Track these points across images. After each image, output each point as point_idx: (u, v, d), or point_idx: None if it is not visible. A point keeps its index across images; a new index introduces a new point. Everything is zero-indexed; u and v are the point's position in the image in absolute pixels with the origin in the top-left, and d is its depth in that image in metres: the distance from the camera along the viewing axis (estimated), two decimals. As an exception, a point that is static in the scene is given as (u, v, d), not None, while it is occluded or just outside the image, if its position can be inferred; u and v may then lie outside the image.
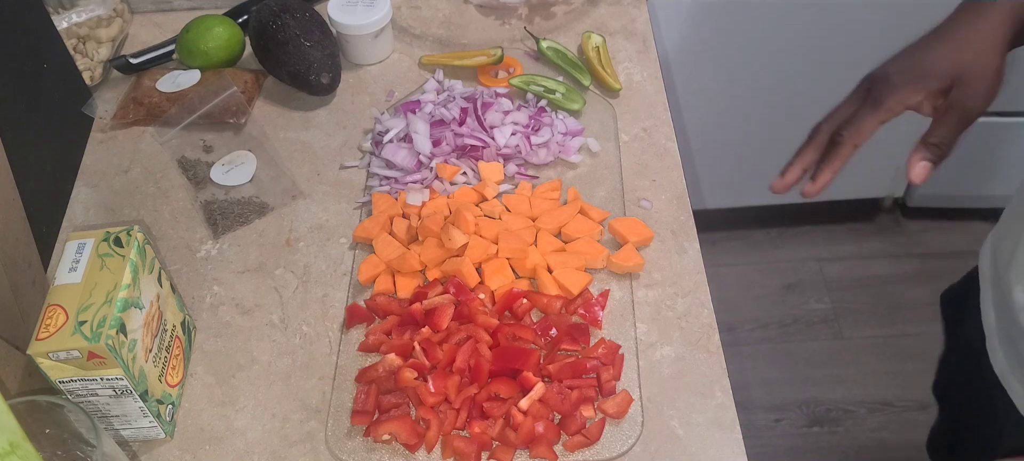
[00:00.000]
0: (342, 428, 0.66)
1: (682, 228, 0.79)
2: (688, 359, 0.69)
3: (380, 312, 0.73)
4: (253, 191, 0.84)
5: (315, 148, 0.89)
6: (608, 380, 0.67)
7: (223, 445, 0.66)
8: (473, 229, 0.75)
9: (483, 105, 0.85)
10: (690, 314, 0.72)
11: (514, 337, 0.69)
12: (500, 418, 0.65)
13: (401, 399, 0.66)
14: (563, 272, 0.73)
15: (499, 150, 0.83)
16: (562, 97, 0.89)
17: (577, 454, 0.64)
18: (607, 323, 0.72)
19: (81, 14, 0.97)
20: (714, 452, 0.64)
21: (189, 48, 0.94)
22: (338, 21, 0.93)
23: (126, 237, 0.63)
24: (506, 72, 0.94)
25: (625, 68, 0.95)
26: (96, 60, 0.95)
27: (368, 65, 0.97)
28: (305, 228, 0.81)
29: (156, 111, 0.90)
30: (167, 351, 0.67)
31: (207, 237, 0.81)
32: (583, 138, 0.86)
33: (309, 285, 0.76)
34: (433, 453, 0.64)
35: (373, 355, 0.71)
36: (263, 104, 0.94)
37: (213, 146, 0.89)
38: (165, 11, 1.05)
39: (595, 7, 1.02)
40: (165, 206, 0.84)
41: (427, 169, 0.83)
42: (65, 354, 0.57)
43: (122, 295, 0.59)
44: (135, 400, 0.62)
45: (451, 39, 1.00)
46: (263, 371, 0.71)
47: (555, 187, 0.82)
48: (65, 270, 0.61)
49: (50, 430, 0.55)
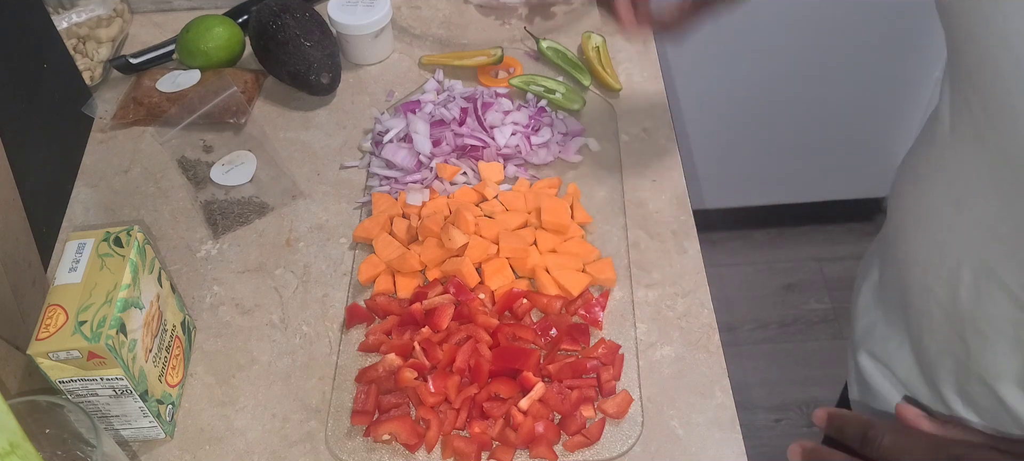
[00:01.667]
0: (342, 428, 0.66)
1: (682, 228, 0.79)
2: (688, 359, 0.69)
3: (380, 312, 0.73)
4: (253, 191, 0.84)
5: (315, 148, 0.89)
6: (608, 380, 0.67)
7: (223, 445, 0.66)
8: (473, 229, 0.75)
9: (483, 105, 0.85)
10: (690, 314, 0.72)
11: (514, 337, 0.69)
12: (500, 418, 0.65)
13: (401, 399, 0.66)
14: (562, 273, 0.73)
15: (499, 150, 0.83)
16: (562, 97, 0.89)
17: (577, 454, 0.64)
18: (607, 323, 0.72)
19: (81, 14, 0.97)
20: (714, 452, 0.64)
21: (189, 48, 0.94)
22: (338, 21, 0.93)
23: (126, 237, 0.63)
24: (506, 72, 0.94)
25: (625, 68, 0.95)
26: (96, 60, 0.95)
27: (368, 65, 0.97)
28: (305, 228, 0.81)
29: (156, 111, 0.90)
30: (167, 351, 0.67)
31: (207, 237, 0.81)
32: (583, 138, 0.86)
33: (309, 285, 0.76)
34: (433, 453, 0.64)
35: (373, 355, 0.71)
36: (263, 104, 0.94)
37: (213, 146, 0.89)
38: (165, 11, 1.05)
39: (595, 7, 1.02)
40: (165, 206, 0.84)
41: (427, 169, 0.83)
42: (65, 354, 0.57)
43: (122, 295, 0.59)
44: (135, 400, 0.62)
45: (451, 39, 1.00)
46: (263, 371, 0.71)
47: (554, 185, 0.82)
48: (65, 270, 0.61)
49: (50, 430, 0.55)
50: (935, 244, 0.59)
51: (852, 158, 1.68)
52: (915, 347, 0.66)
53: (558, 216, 0.76)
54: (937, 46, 1.46)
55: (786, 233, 1.87)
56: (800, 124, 1.60)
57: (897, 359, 0.69)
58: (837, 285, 1.78)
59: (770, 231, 1.87)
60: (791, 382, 1.65)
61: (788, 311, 1.75)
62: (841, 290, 1.77)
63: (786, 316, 1.75)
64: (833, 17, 1.40)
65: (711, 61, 1.47)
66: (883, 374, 0.72)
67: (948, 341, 0.61)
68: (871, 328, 0.73)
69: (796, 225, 1.87)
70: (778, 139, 1.63)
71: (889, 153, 1.68)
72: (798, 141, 1.64)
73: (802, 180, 1.75)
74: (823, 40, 1.44)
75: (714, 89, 1.52)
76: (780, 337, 1.72)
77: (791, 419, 1.60)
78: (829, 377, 1.65)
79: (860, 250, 0.84)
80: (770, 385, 1.65)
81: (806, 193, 1.78)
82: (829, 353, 1.68)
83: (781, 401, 1.63)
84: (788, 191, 1.78)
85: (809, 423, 1.59)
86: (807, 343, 1.71)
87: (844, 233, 1.85)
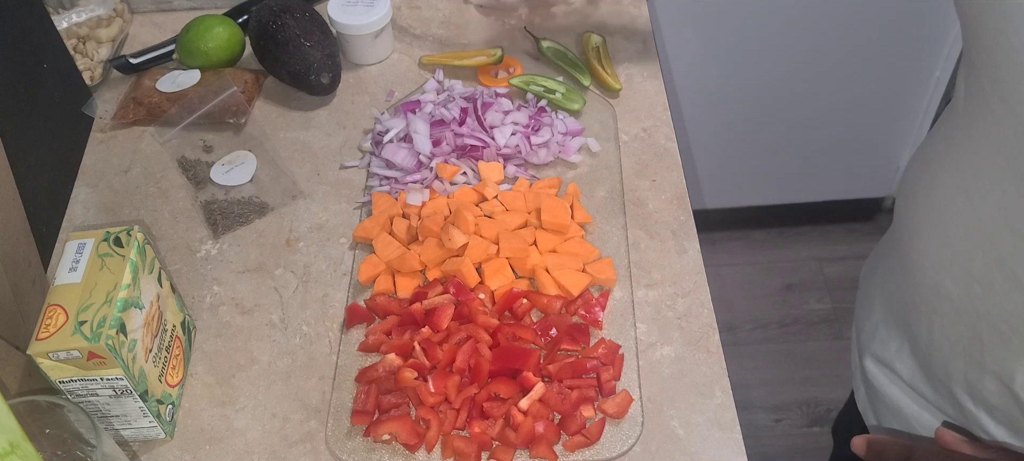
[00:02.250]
0: (342, 428, 0.66)
1: (682, 228, 0.79)
2: (688, 359, 0.69)
3: (380, 312, 0.73)
4: (253, 191, 0.84)
5: (315, 148, 0.89)
6: (608, 380, 0.67)
7: (223, 445, 0.66)
8: (473, 229, 0.75)
9: (483, 105, 0.85)
10: (690, 314, 0.72)
11: (514, 337, 0.69)
12: (500, 418, 0.65)
13: (401, 399, 0.66)
14: (562, 273, 0.73)
15: (499, 150, 0.83)
16: (562, 97, 0.89)
17: (577, 454, 0.64)
18: (607, 323, 0.72)
19: (81, 14, 0.97)
20: (714, 452, 0.64)
21: (189, 48, 0.94)
22: (338, 21, 0.93)
23: (126, 237, 0.63)
24: (506, 72, 0.94)
25: (625, 68, 0.94)
26: (96, 60, 0.95)
27: (368, 65, 0.97)
28: (305, 228, 0.81)
29: (156, 111, 0.90)
30: (167, 351, 0.67)
31: (207, 237, 0.81)
32: (583, 138, 0.86)
33: (309, 285, 0.76)
34: (433, 453, 0.64)
35: (373, 355, 0.71)
36: (263, 104, 0.94)
37: (213, 146, 0.89)
38: (165, 11, 1.05)
39: (595, 7, 1.02)
40: (165, 206, 0.84)
41: (427, 169, 0.83)
42: (65, 354, 0.57)
43: (122, 295, 0.59)
44: (135, 400, 0.62)
45: (451, 39, 1.00)
46: (263, 371, 0.71)
47: (553, 184, 0.82)
48: (65, 270, 0.61)
49: (50, 430, 0.56)
50: (947, 240, 0.59)
51: (852, 158, 1.68)
52: (920, 347, 0.66)
53: (558, 216, 0.76)
54: (937, 46, 1.46)
55: (786, 233, 1.87)
56: (800, 124, 1.60)
57: (899, 361, 0.69)
58: (837, 285, 1.78)
59: (770, 231, 1.87)
60: (791, 382, 1.65)
61: (788, 311, 1.75)
62: (841, 290, 1.77)
63: (786, 316, 1.75)
64: (833, 17, 1.40)
65: (711, 61, 1.47)
66: (889, 378, 0.72)
67: (960, 339, 0.60)
68: (874, 332, 0.73)
69: (796, 225, 1.87)
70: (778, 139, 1.63)
71: (889, 153, 1.68)
72: (798, 141, 1.63)
73: (802, 180, 1.75)
74: (823, 40, 1.44)
75: (714, 89, 1.52)
76: (780, 337, 1.72)
77: (791, 419, 1.60)
78: (829, 377, 1.65)
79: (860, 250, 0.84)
80: (770, 385, 1.65)
81: (806, 193, 1.78)
82: (829, 353, 1.68)
83: (781, 401, 1.63)
84: (788, 191, 1.78)
85: (810, 424, 1.59)
86: (807, 343, 1.71)
87: (844, 233, 1.85)
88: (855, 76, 1.51)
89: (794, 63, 1.48)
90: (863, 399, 0.77)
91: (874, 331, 0.73)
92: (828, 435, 1.03)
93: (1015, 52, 0.47)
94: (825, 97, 1.54)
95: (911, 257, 0.64)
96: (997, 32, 0.49)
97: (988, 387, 0.60)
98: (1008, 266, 0.54)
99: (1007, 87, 0.49)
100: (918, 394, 0.68)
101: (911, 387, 0.69)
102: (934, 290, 0.61)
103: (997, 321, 0.56)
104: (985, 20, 0.50)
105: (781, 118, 1.59)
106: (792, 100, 1.55)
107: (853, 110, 1.57)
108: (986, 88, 0.52)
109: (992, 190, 0.53)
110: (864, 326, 0.75)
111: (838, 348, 1.69)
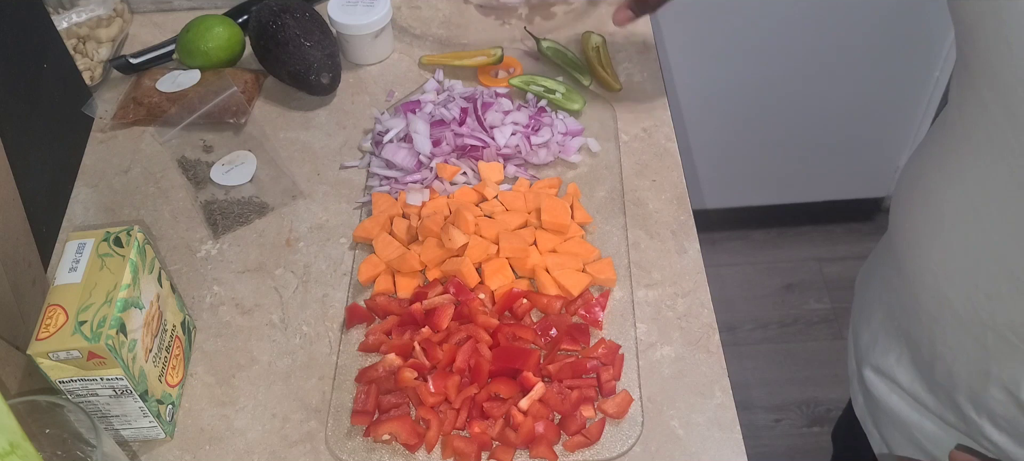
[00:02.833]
0: (342, 428, 0.66)
1: (682, 228, 0.79)
2: (688, 359, 0.69)
3: (380, 312, 0.73)
4: (253, 191, 0.84)
5: (315, 148, 0.89)
6: (608, 380, 0.67)
7: (223, 445, 0.66)
8: (473, 229, 0.75)
9: (483, 105, 0.85)
10: (690, 314, 0.72)
11: (514, 337, 0.69)
12: (500, 418, 0.65)
13: (401, 399, 0.66)
14: (562, 273, 0.73)
15: (499, 150, 0.83)
16: (562, 97, 0.89)
17: (577, 454, 0.64)
18: (607, 323, 0.72)
19: (81, 14, 0.97)
20: (714, 452, 0.64)
21: (189, 48, 0.94)
22: (338, 21, 0.93)
23: (126, 237, 0.63)
24: (506, 72, 0.94)
25: (625, 68, 0.95)
26: (96, 60, 0.95)
27: (368, 65, 0.97)
28: (305, 228, 0.81)
29: (156, 111, 0.90)
30: (167, 351, 0.67)
31: (207, 237, 0.81)
32: (583, 138, 0.86)
33: (309, 285, 0.76)
34: (433, 453, 0.64)
35: (373, 355, 0.71)
36: (263, 104, 0.94)
37: (213, 146, 0.89)
38: (165, 11, 1.05)
39: (595, 7, 1.02)
40: (165, 206, 0.84)
41: (427, 169, 0.83)
42: (65, 354, 0.57)
43: (122, 295, 0.59)
44: (135, 400, 0.62)
45: (451, 39, 1.00)
46: (263, 371, 0.71)
47: (553, 184, 0.82)
48: (65, 270, 0.61)
49: (50, 430, 0.56)
50: (949, 251, 0.58)
51: (852, 158, 1.68)
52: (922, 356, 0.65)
53: (558, 216, 0.76)
54: (937, 46, 1.46)
55: (786, 233, 1.87)
56: (800, 124, 1.60)
57: (899, 370, 0.69)
58: (837, 285, 1.78)
59: (770, 231, 1.87)
60: (791, 382, 1.65)
61: (788, 311, 1.75)
62: (841, 290, 1.77)
63: (786, 316, 1.75)
64: (833, 17, 1.40)
65: (711, 61, 1.47)
66: (889, 387, 0.71)
67: (964, 348, 0.60)
68: (873, 341, 0.73)
69: (796, 225, 1.87)
70: (778, 139, 1.63)
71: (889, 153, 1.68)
72: (798, 141, 1.63)
73: (802, 180, 1.75)
74: (823, 40, 1.44)
75: (714, 89, 1.52)
76: (780, 337, 1.72)
77: (791, 419, 1.61)
78: (829, 377, 1.65)
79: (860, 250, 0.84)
80: (770, 385, 1.65)
81: (806, 193, 1.78)
82: (829, 353, 1.68)
83: (781, 401, 1.63)
84: (788, 191, 1.78)
85: (810, 424, 1.59)
86: (807, 343, 1.71)
87: (844, 233, 1.85)
88: (855, 76, 1.51)
89: (794, 63, 1.48)
90: (861, 407, 0.77)
91: (873, 340, 0.73)
92: (828, 435, 1.03)
93: (1016, 59, 0.47)
94: (825, 97, 1.54)
95: (910, 267, 0.64)
96: (997, 39, 0.48)
97: (993, 396, 0.59)
98: (1017, 276, 0.53)
99: (1010, 95, 0.49)
100: (919, 403, 0.68)
101: (912, 396, 0.68)
102: (936, 299, 0.61)
103: (1004, 331, 0.56)
104: (983, 27, 0.49)
105: (781, 118, 1.59)
106: (792, 100, 1.55)
107: (853, 110, 1.57)
108: (986, 97, 0.51)
109: (998, 200, 0.53)
110: (862, 335, 0.75)
111: (838, 348, 1.69)
